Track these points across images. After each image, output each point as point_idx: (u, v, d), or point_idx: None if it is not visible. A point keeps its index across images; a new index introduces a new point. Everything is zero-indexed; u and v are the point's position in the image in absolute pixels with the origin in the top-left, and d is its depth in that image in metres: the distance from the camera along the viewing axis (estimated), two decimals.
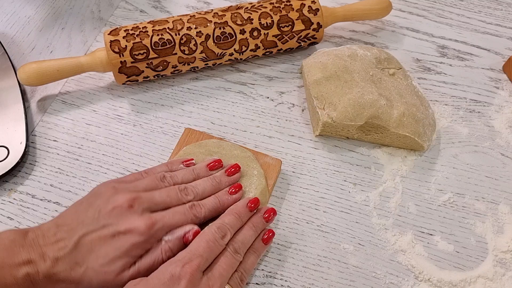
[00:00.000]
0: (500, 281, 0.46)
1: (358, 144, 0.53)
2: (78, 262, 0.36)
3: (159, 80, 0.57)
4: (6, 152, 0.49)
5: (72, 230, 0.37)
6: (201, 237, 0.38)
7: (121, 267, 0.37)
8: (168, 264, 0.36)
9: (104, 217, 0.38)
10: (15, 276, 0.34)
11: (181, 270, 0.35)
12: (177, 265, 0.35)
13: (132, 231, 0.37)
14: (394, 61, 0.56)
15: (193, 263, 0.36)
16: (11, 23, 0.61)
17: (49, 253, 0.36)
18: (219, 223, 0.40)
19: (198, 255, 0.37)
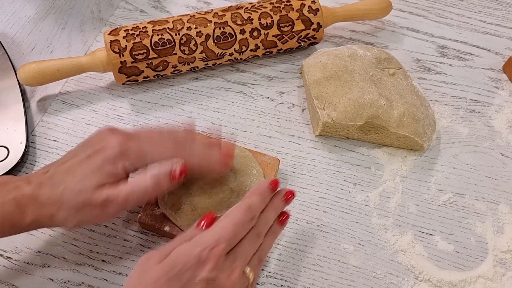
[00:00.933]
0: (500, 281, 0.46)
1: (358, 144, 0.53)
2: (58, 183, 0.37)
3: (159, 80, 0.57)
4: (6, 152, 0.49)
5: (59, 161, 0.39)
6: (229, 219, 0.37)
7: (95, 183, 0.37)
8: (195, 245, 0.35)
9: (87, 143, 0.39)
10: (4, 199, 0.36)
11: (209, 254, 0.35)
12: (205, 247, 0.35)
13: (105, 147, 0.38)
14: (394, 61, 0.56)
15: (220, 248, 0.35)
16: (11, 23, 0.61)
17: (33, 179, 0.38)
18: (247, 204, 0.38)
19: (225, 239, 0.36)
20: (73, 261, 0.45)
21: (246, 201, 0.39)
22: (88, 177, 0.37)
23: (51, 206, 0.37)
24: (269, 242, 0.41)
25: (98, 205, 0.37)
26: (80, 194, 0.37)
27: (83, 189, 0.37)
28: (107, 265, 0.45)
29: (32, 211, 0.37)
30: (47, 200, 0.37)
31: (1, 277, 0.43)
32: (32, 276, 0.44)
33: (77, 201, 0.37)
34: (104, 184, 0.37)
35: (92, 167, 0.37)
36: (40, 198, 0.37)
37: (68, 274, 0.44)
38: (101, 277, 0.44)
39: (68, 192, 0.37)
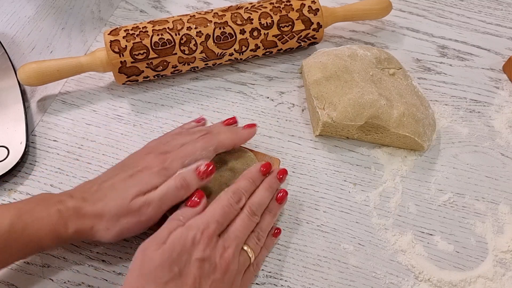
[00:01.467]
0: (500, 281, 0.46)
1: (358, 144, 0.53)
2: (100, 198, 0.39)
3: (159, 80, 0.57)
4: (6, 152, 0.49)
5: (99, 178, 0.42)
6: (217, 203, 0.40)
7: (135, 193, 0.39)
8: (188, 229, 0.38)
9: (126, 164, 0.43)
10: (49, 212, 0.38)
11: (200, 236, 0.38)
12: (197, 230, 0.38)
13: (148, 166, 0.41)
14: (394, 61, 0.56)
15: (210, 229, 0.38)
16: (11, 23, 0.61)
17: (76, 194, 0.40)
18: (234, 188, 0.42)
19: (214, 220, 0.39)
20: (73, 261, 0.45)
21: (234, 186, 0.42)
22: (128, 190, 0.39)
23: (92, 218, 0.39)
24: (267, 221, 0.43)
25: (135, 211, 0.39)
26: (120, 204, 0.39)
27: (123, 198, 0.39)
28: (107, 265, 0.45)
29: (75, 223, 0.39)
30: (89, 213, 0.39)
31: (1, 277, 0.43)
32: (32, 276, 0.44)
33: (117, 210, 0.39)
34: (141, 194, 0.40)
35: (136, 181, 0.40)
36: (82, 211, 0.39)
37: (68, 274, 0.44)
38: (101, 277, 0.44)
39: (109, 204, 0.39)
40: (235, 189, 0.42)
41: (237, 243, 0.40)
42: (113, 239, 0.40)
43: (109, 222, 0.39)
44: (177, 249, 0.37)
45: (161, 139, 0.46)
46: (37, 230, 0.37)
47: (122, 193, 0.39)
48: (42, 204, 0.39)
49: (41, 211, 0.38)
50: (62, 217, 0.38)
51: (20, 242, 0.37)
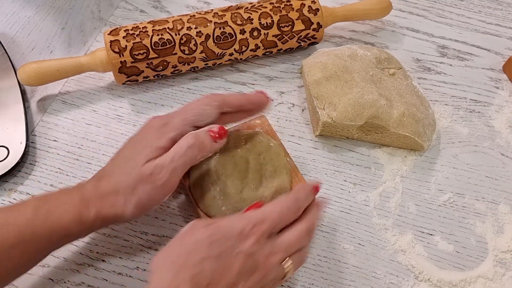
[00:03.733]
0: (500, 281, 0.46)
1: (358, 144, 0.53)
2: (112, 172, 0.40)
3: (159, 80, 0.57)
4: (6, 152, 0.49)
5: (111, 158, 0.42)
6: (277, 204, 0.39)
7: (144, 159, 0.39)
8: (240, 219, 0.37)
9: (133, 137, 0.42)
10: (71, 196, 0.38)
11: (251, 230, 0.36)
12: (249, 222, 0.36)
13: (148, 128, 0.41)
14: (394, 61, 0.56)
15: (263, 226, 0.36)
16: (11, 23, 0.61)
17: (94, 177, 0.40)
18: (296, 196, 0.39)
19: (270, 219, 0.37)
20: (73, 261, 0.45)
21: (294, 194, 0.40)
22: (135, 158, 0.39)
23: (110, 194, 0.38)
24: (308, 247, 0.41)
25: (148, 176, 0.38)
26: (131, 172, 0.38)
27: (133, 167, 0.39)
28: (107, 265, 0.45)
29: (94, 204, 0.38)
30: (106, 189, 0.39)
31: None
32: (32, 276, 0.44)
33: (130, 179, 0.38)
34: (151, 159, 0.39)
35: (138, 148, 0.40)
36: (100, 189, 0.39)
37: (68, 274, 0.44)
38: (101, 277, 0.44)
39: (121, 175, 0.39)
40: (297, 197, 0.39)
41: (286, 253, 0.37)
42: (135, 213, 0.39)
43: (125, 194, 0.38)
44: (222, 232, 0.35)
45: None
46: (61, 215, 0.37)
47: (131, 162, 0.39)
48: (64, 191, 0.39)
49: (63, 196, 0.38)
50: (84, 199, 0.38)
51: (45, 229, 0.36)
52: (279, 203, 0.39)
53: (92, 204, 0.38)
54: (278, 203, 0.39)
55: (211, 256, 0.34)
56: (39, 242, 0.37)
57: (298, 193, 0.40)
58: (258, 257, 0.36)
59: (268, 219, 0.37)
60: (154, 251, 0.46)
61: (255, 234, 0.36)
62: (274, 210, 0.38)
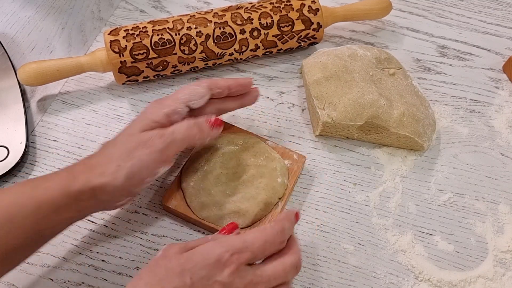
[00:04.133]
0: (500, 281, 0.46)
1: (358, 144, 0.53)
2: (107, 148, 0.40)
3: (159, 80, 0.57)
4: (6, 152, 0.49)
5: None
6: (261, 234, 0.36)
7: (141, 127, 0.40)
8: (218, 246, 0.35)
9: None
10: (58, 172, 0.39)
11: (229, 259, 0.34)
12: (226, 250, 0.34)
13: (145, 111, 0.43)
14: (394, 61, 0.56)
15: (243, 256, 0.34)
16: (11, 23, 0.61)
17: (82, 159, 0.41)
18: (281, 227, 0.37)
19: (251, 250, 0.35)
20: (73, 261, 0.45)
21: (280, 224, 0.37)
22: (132, 128, 0.41)
23: (101, 164, 0.39)
24: None
25: (147, 140, 0.39)
26: (128, 140, 0.40)
27: (129, 134, 0.40)
28: (107, 265, 0.45)
29: (83, 173, 0.38)
30: (98, 161, 0.39)
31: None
32: (32, 276, 0.44)
33: (125, 146, 0.39)
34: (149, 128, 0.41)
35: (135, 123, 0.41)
36: (90, 161, 0.39)
37: (68, 274, 0.44)
38: (101, 277, 0.44)
39: (116, 146, 0.40)
40: (282, 228, 0.37)
41: (268, 286, 0.35)
42: (125, 182, 0.38)
43: (118, 160, 0.39)
44: (197, 260, 0.34)
45: None
46: (47, 187, 0.37)
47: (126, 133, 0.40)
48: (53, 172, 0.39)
49: (51, 174, 0.39)
50: (71, 171, 0.39)
51: (31, 203, 0.36)
52: (264, 232, 0.36)
53: (80, 175, 0.38)
54: (263, 231, 0.36)
55: (184, 285, 0.33)
56: (25, 218, 0.36)
57: (284, 223, 0.38)
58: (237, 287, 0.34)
59: (250, 249, 0.35)
60: (154, 251, 0.46)
61: (233, 263, 0.34)
62: (257, 240, 0.36)
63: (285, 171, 0.48)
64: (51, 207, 0.37)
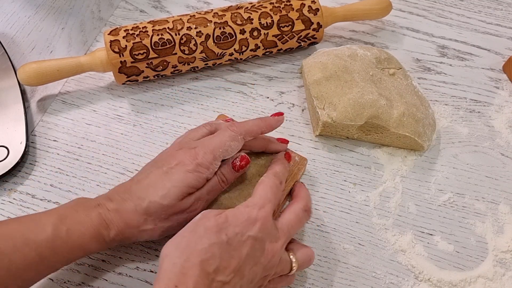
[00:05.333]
0: (500, 281, 0.46)
1: (358, 144, 0.53)
2: (141, 197, 0.40)
3: (159, 80, 0.57)
4: (6, 152, 0.49)
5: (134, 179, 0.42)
6: (264, 184, 0.41)
7: (180, 195, 0.40)
8: (244, 206, 0.38)
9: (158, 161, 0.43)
10: (90, 216, 0.39)
11: (257, 214, 0.38)
12: (253, 208, 0.38)
13: (181, 162, 0.41)
14: (394, 61, 0.56)
15: (267, 208, 0.38)
16: (11, 23, 0.61)
17: (115, 196, 0.41)
18: (273, 172, 0.43)
19: (269, 200, 0.39)
20: None
21: (271, 171, 0.43)
22: (173, 192, 0.40)
23: (136, 218, 0.40)
24: None
25: (187, 208, 0.41)
26: (169, 208, 0.40)
27: (171, 203, 0.40)
28: (107, 265, 0.45)
29: (117, 224, 0.39)
30: (133, 214, 0.40)
31: None
32: None
33: (163, 209, 0.40)
34: (188, 193, 0.41)
35: (174, 178, 0.40)
36: (124, 212, 0.40)
37: (68, 274, 0.44)
38: (101, 277, 0.44)
39: (154, 206, 0.40)
40: (274, 173, 0.42)
41: (288, 236, 0.40)
42: (158, 237, 0.41)
43: (155, 222, 0.40)
44: (230, 220, 0.37)
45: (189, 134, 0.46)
46: (81, 235, 0.38)
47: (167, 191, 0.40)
48: (81, 208, 0.39)
49: (81, 215, 0.39)
50: (104, 219, 0.39)
51: (65, 248, 0.38)
52: (266, 183, 0.41)
53: (114, 225, 0.39)
54: (265, 183, 0.41)
55: (220, 242, 0.35)
56: (57, 261, 0.38)
57: (274, 168, 0.43)
58: (265, 241, 0.37)
59: (267, 200, 0.39)
60: (154, 251, 0.46)
61: (261, 218, 0.37)
62: (267, 190, 0.40)
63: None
64: (83, 252, 0.39)
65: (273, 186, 0.41)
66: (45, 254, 0.37)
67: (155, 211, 0.40)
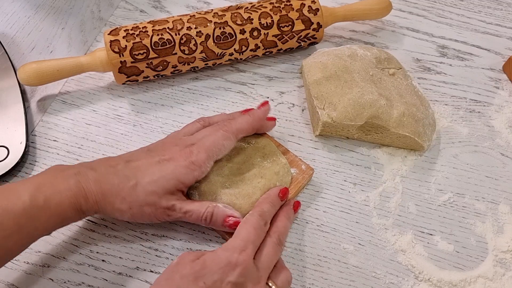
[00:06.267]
0: (500, 281, 0.46)
1: (358, 144, 0.53)
2: (128, 177, 0.40)
3: (159, 80, 0.57)
4: (6, 152, 0.49)
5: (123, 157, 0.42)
6: (248, 224, 0.40)
7: (168, 189, 0.40)
8: (224, 250, 0.37)
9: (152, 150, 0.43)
10: (68, 183, 0.38)
11: (238, 258, 0.37)
12: (233, 252, 0.37)
13: (174, 158, 0.41)
14: (394, 61, 0.56)
15: (248, 251, 0.37)
16: (11, 23, 0.61)
17: (98, 167, 0.40)
18: (259, 210, 0.42)
19: (250, 242, 0.38)
20: (73, 261, 0.45)
21: (258, 209, 0.42)
22: (161, 181, 0.40)
23: (115, 196, 0.39)
24: None
25: (162, 208, 0.40)
26: (152, 195, 0.40)
27: (156, 191, 0.40)
28: (107, 265, 0.45)
29: (96, 194, 0.39)
30: (114, 189, 0.39)
31: (1, 277, 0.43)
32: (32, 276, 0.44)
33: (146, 200, 0.40)
34: (173, 192, 0.41)
35: (165, 173, 0.40)
36: (105, 184, 0.39)
37: (68, 274, 0.44)
38: (101, 277, 0.44)
39: (139, 189, 0.40)
40: (260, 212, 0.41)
41: (268, 271, 0.39)
42: (128, 220, 0.41)
43: (130, 205, 0.40)
44: (209, 266, 0.36)
45: (183, 129, 0.46)
46: (59, 203, 0.38)
47: (154, 183, 0.40)
48: (59, 176, 0.39)
49: (59, 183, 0.38)
50: (83, 188, 0.39)
51: (43, 216, 0.37)
52: (250, 223, 0.40)
53: (93, 199, 0.39)
54: (249, 223, 0.40)
55: None
56: (35, 229, 0.37)
57: (261, 206, 0.42)
58: (246, 286, 0.36)
59: (248, 242, 0.38)
60: (154, 251, 0.46)
61: (242, 263, 0.36)
62: (249, 231, 0.39)
63: (287, 178, 0.47)
64: (61, 220, 0.39)
65: (257, 228, 0.40)
66: (23, 223, 0.36)
67: (136, 194, 0.39)
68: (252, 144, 0.49)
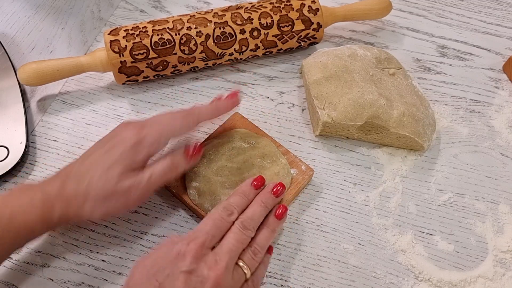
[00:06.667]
0: (500, 281, 0.46)
1: (358, 144, 0.53)
2: (82, 178, 0.39)
3: (159, 80, 0.57)
4: (6, 152, 0.49)
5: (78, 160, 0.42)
6: (208, 217, 0.40)
7: (118, 173, 0.39)
8: (175, 242, 0.37)
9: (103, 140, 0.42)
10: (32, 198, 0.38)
11: (187, 248, 0.36)
12: (183, 243, 0.37)
13: (122, 140, 0.41)
14: (394, 61, 0.56)
15: (198, 240, 0.37)
16: (11, 23, 0.61)
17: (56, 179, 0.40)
18: (225, 203, 0.41)
19: (204, 232, 0.38)
20: (73, 261, 0.45)
21: (225, 201, 0.42)
22: (111, 169, 0.39)
23: (77, 199, 0.39)
24: (265, 235, 0.41)
25: (123, 192, 0.40)
26: (105, 185, 0.39)
27: (108, 180, 0.39)
28: (107, 265, 0.45)
29: (60, 206, 0.39)
30: (73, 195, 0.39)
31: (1, 277, 0.43)
32: (32, 276, 0.44)
33: (103, 192, 0.39)
34: (126, 173, 0.40)
35: (113, 158, 0.40)
36: (65, 194, 0.39)
37: (68, 274, 0.44)
38: (101, 277, 0.44)
39: (93, 184, 0.39)
40: (225, 204, 0.41)
41: (230, 257, 0.37)
42: (100, 218, 0.41)
43: (94, 203, 0.39)
44: (159, 262, 0.36)
45: None
46: (25, 217, 0.38)
47: (104, 173, 0.39)
48: (24, 192, 0.39)
49: (25, 199, 0.38)
50: (47, 200, 0.39)
51: (10, 231, 0.37)
52: (210, 216, 0.40)
53: (57, 207, 0.39)
54: (209, 216, 0.40)
55: None
56: (3, 244, 0.37)
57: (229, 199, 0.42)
58: (201, 270, 0.36)
59: (201, 233, 0.38)
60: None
61: (191, 251, 0.36)
62: (206, 223, 0.39)
63: (287, 179, 0.47)
64: (29, 234, 0.39)
65: (216, 219, 0.39)
66: None
67: (93, 191, 0.39)
68: (252, 144, 0.49)
